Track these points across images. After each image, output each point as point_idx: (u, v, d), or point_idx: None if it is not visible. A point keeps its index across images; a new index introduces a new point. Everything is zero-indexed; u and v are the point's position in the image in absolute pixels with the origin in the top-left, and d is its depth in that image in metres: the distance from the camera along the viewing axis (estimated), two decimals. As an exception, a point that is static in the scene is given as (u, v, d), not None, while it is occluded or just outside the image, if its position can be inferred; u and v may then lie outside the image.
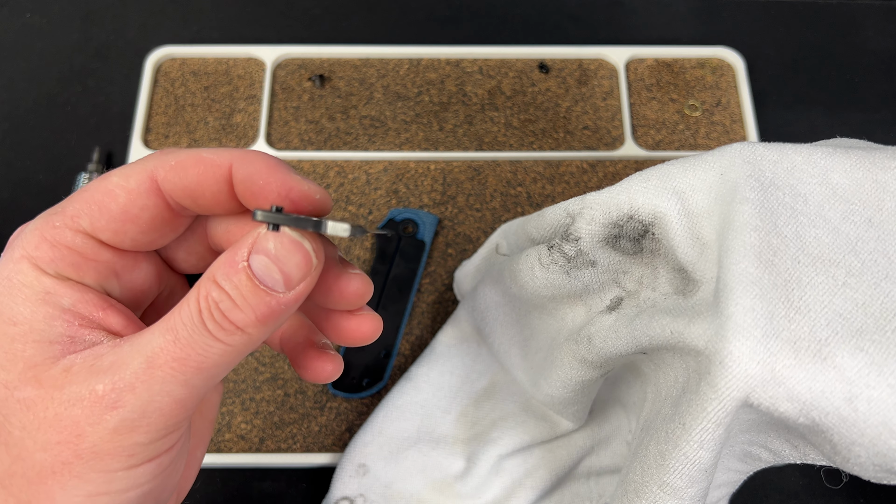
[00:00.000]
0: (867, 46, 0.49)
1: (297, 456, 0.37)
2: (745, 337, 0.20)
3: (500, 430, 0.34)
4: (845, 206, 0.23)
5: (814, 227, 0.23)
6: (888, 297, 0.21)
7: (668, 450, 0.23)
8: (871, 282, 0.21)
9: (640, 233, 0.26)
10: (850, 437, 0.20)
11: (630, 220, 0.26)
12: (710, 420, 0.21)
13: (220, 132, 0.45)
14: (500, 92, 0.46)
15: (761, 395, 0.20)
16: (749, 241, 0.22)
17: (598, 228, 0.27)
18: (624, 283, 0.28)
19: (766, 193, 0.23)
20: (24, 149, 0.45)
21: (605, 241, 0.27)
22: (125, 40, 0.48)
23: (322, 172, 0.43)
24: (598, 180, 0.43)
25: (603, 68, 0.47)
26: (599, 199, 0.27)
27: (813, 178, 0.24)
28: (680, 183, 0.25)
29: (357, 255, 0.41)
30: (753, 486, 0.36)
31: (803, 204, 0.23)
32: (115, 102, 0.46)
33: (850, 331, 0.21)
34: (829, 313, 0.21)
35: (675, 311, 0.24)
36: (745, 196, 0.23)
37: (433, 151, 0.44)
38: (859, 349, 0.20)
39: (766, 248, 0.22)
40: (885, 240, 0.22)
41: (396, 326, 0.39)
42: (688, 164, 0.26)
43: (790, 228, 0.23)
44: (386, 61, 0.47)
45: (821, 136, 0.46)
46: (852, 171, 0.24)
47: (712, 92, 0.46)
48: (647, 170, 0.27)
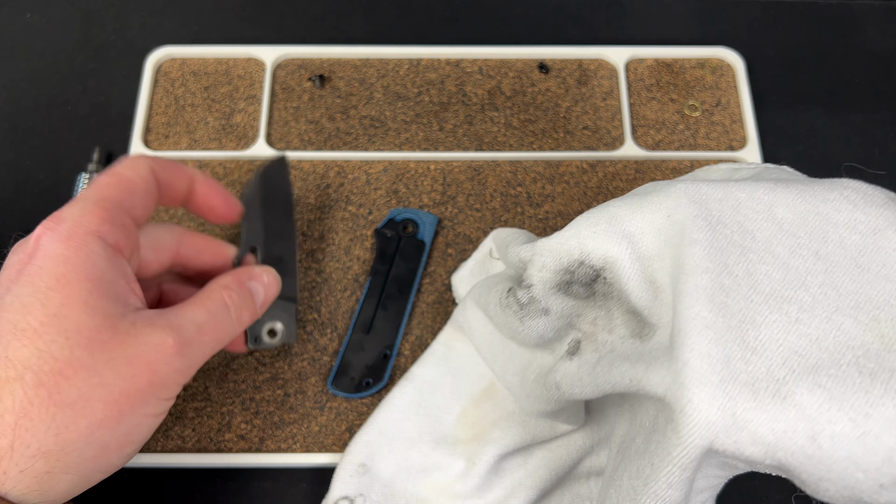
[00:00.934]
0: (867, 46, 0.49)
1: (297, 456, 0.37)
2: (703, 383, 0.20)
3: (501, 430, 0.34)
4: (792, 241, 0.23)
5: (763, 263, 0.23)
6: (840, 329, 0.21)
7: (639, 486, 0.23)
8: (822, 316, 0.21)
9: (591, 278, 0.26)
10: (817, 474, 0.20)
11: (581, 266, 0.26)
12: (676, 465, 0.21)
13: (220, 132, 0.45)
14: (499, 92, 0.46)
15: (725, 440, 0.20)
16: (701, 283, 0.22)
17: (550, 275, 0.27)
18: (579, 325, 0.28)
19: (715, 232, 0.23)
20: (24, 149, 0.45)
21: (557, 287, 0.27)
22: (125, 40, 0.48)
23: (322, 172, 0.43)
24: (598, 180, 0.43)
25: (603, 68, 0.47)
26: (549, 245, 0.27)
27: (758, 213, 0.24)
28: (628, 226, 0.25)
29: (357, 254, 0.41)
30: (754, 487, 0.36)
31: (751, 241, 0.23)
32: (115, 102, 0.46)
33: (807, 367, 0.20)
34: (785, 351, 0.21)
35: (633, 357, 0.24)
36: (693, 237, 0.23)
37: (433, 151, 0.44)
38: (817, 385, 0.20)
39: (719, 289, 0.22)
40: (832, 272, 0.22)
41: (396, 326, 0.39)
42: (634, 205, 0.25)
43: (741, 267, 0.23)
44: (386, 61, 0.47)
45: (821, 135, 0.46)
46: (795, 204, 0.24)
47: (712, 92, 0.46)
48: (594, 211, 0.27)
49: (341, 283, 0.40)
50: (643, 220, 0.25)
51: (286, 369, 0.38)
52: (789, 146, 0.45)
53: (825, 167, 0.45)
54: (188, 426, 0.37)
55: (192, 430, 0.37)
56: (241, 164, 0.44)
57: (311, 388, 0.38)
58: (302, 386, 0.38)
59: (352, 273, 0.41)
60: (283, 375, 0.38)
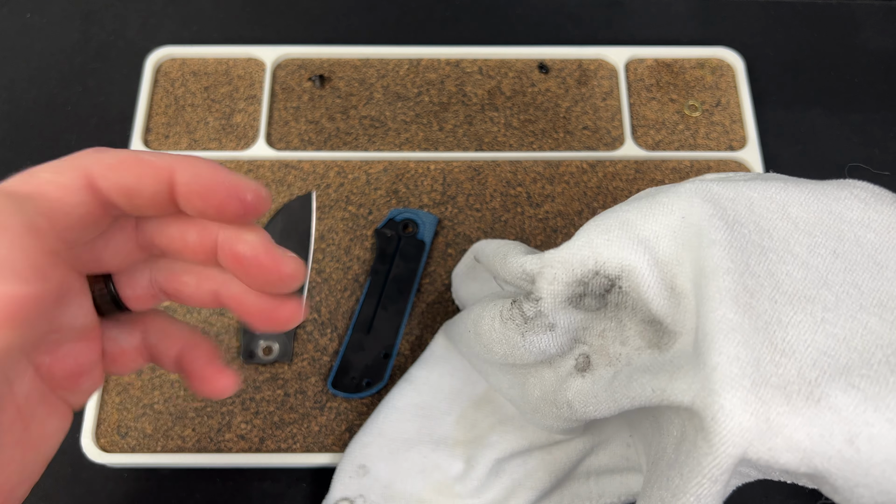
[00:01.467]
0: (867, 46, 0.49)
1: (297, 456, 0.37)
2: (735, 387, 0.20)
3: (499, 434, 0.34)
4: (809, 239, 0.23)
5: (784, 263, 0.22)
6: (867, 328, 0.21)
7: (668, 497, 0.22)
8: (847, 315, 0.21)
9: (606, 288, 0.25)
10: (853, 479, 0.19)
11: (596, 276, 0.25)
12: (706, 476, 0.20)
13: (220, 132, 0.45)
14: (499, 92, 0.46)
15: (759, 448, 0.19)
16: (724, 285, 0.21)
17: (562, 288, 0.25)
18: (585, 339, 0.27)
19: (733, 232, 0.23)
20: (24, 149, 0.45)
21: (568, 300, 0.25)
22: (125, 40, 0.48)
23: (322, 172, 0.43)
24: (597, 180, 0.43)
25: (603, 68, 0.47)
26: (560, 256, 0.25)
27: (773, 213, 0.23)
28: (643, 231, 0.24)
29: (357, 254, 0.41)
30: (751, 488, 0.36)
31: (769, 240, 0.23)
32: (115, 103, 0.46)
33: (838, 368, 0.20)
34: (814, 352, 0.20)
35: (654, 368, 0.23)
36: (712, 238, 0.22)
37: (433, 151, 0.44)
38: (851, 386, 0.19)
39: (742, 290, 0.21)
40: (852, 270, 0.22)
41: (396, 326, 0.39)
42: (646, 209, 0.24)
43: (762, 267, 0.22)
44: (386, 61, 0.47)
45: (821, 135, 0.46)
46: (808, 203, 0.23)
47: (712, 92, 0.46)
48: (602, 217, 0.25)
49: (341, 283, 0.40)
50: (657, 224, 0.24)
51: (286, 369, 0.38)
52: (789, 146, 0.45)
53: (825, 167, 0.45)
54: (188, 426, 0.37)
55: (192, 430, 0.37)
56: (242, 165, 0.44)
57: (311, 388, 0.38)
58: (302, 386, 0.38)
59: (352, 273, 0.41)
60: (283, 375, 0.38)
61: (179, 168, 0.21)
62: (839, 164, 0.45)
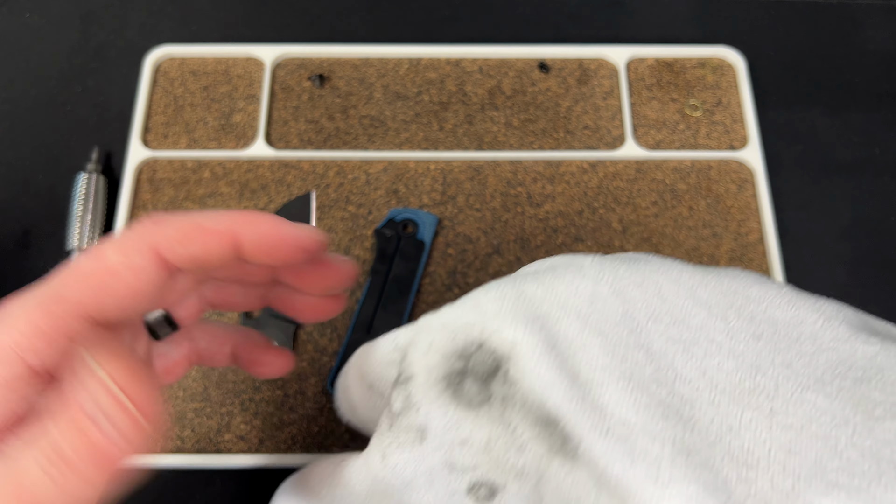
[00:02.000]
0: (867, 46, 0.49)
1: (297, 456, 0.37)
2: None
3: None
4: (725, 325, 0.20)
5: (710, 356, 0.20)
6: (817, 408, 0.18)
7: None
8: (792, 399, 0.19)
9: (490, 370, 0.20)
10: None
11: (480, 350, 0.21)
12: None
13: (220, 132, 0.45)
14: (500, 92, 0.46)
15: None
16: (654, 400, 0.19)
17: (438, 360, 0.21)
18: (466, 461, 0.20)
19: (650, 333, 0.20)
20: (23, 149, 0.45)
21: (445, 379, 0.21)
22: (125, 40, 0.48)
23: (321, 172, 0.43)
24: (598, 180, 0.43)
25: (603, 68, 0.47)
26: (440, 319, 0.22)
27: (682, 298, 0.21)
28: (541, 307, 0.21)
29: (357, 254, 0.41)
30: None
31: (688, 332, 0.20)
32: (115, 102, 0.46)
33: (809, 466, 0.18)
34: (778, 453, 0.18)
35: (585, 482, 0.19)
36: (627, 342, 0.20)
37: (433, 151, 0.44)
38: (831, 485, 0.17)
39: (681, 402, 0.19)
40: (778, 351, 0.20)
41: (396, 327, 0.39)
42: (547, 283, 0.21)
43: (690, 366, 0.19)
44: (386, 61, 0.47)
45: (821, 135, 0.46)
46: (712, 284, 0.21)
47: (713, 91, 0.46)
48: (498, 282, 0.22)
49: (341, 283, 0.40)
50: (560, 301, 0.21)
51: (286, 370, 0.38)
52: (790, 146, 0.45)
53: (825, 167, 0.45)
54: (187, 427, 0.37)
55: (191, 431, 0.37)
56: (241, 164, 0.43)
57: (310, 388, 0.38)
58: (301, 386, 0.38)
59: (351, 273, 0.41)
60: (283, 376, 0.38)
61: (242, 231, 0.21)
62: (839, 164, 0.45)
